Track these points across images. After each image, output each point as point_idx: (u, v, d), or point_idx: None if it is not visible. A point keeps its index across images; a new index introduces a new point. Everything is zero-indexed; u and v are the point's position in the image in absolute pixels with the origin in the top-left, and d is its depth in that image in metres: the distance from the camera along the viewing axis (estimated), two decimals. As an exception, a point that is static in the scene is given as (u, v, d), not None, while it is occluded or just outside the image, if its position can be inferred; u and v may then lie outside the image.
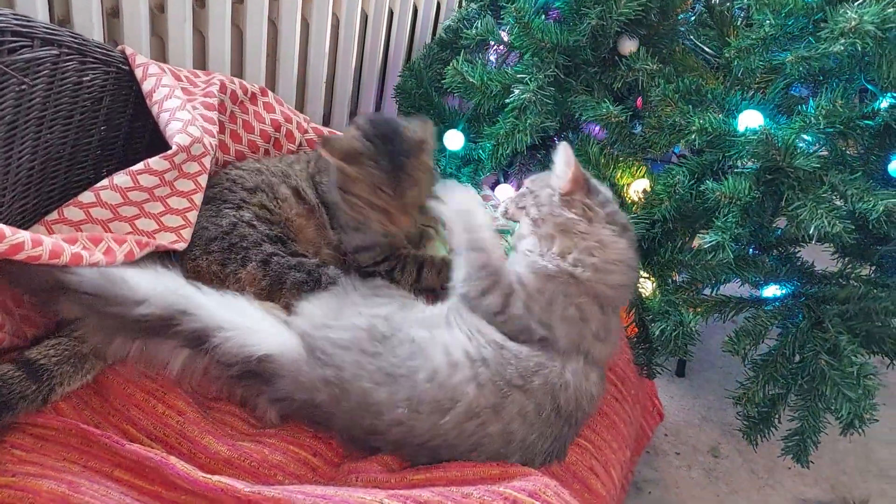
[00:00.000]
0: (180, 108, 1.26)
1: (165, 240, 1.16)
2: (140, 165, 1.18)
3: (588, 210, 1.12)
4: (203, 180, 1.25)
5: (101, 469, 0.96)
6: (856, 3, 1.19)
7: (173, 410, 1.05)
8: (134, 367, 1.10)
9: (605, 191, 1.18)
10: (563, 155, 1.15)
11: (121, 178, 1.17)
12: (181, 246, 1.18)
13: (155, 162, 1.19)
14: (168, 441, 1.02)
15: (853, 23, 1.13)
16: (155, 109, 1.28)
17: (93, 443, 0.98)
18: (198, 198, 1.23)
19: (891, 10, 1.14)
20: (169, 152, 1.20)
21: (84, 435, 0.98)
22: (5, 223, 1.11)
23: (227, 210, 1.27)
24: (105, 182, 1.16)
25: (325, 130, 1.66)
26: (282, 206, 1.34)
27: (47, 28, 1.14)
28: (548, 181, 1.17)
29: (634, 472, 1.61)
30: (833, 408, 1.32)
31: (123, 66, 1.30)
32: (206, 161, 1.25)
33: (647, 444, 1.47)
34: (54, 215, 1.12)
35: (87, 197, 1.14)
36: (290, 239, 1.30)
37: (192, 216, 1.22)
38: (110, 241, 1.07)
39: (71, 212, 1.13)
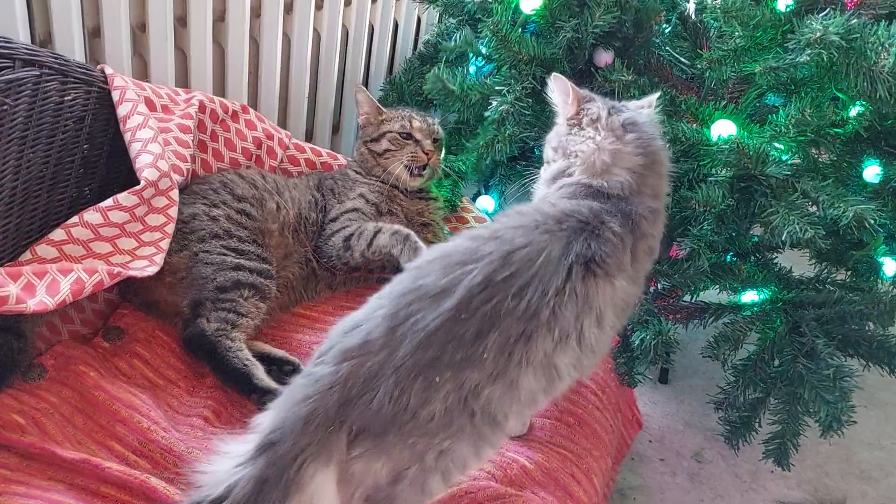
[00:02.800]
0: (152, 140, 1.28)
1: (137, 266, 1.18)
2: (109, 202, 1.20)
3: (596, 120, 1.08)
4: (173, 212, 1.27)
5: (87, 486, 0.97)
6: (821, 15, 1.22)
7: (158, 426, 1.06)
8: (119, 382, 1.11)
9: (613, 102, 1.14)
10: (558, 84, 1.13)
11: (91, 216, 1.19)
12: (152, 270, 1.19)
13: (124, 198, 1.21)
14: (153, 457, 1.03)
15: (818, 34, 1.16)
16: (127, 136, 1.30)
17: (76, 462, 0.98)
18: (170, 228, 1.25)
19: (854, 21, 1.18)
20: (137, 188, 1.22)
21: (64, 459, 0.98)
22: (-12, 243, 1.14)
23: (200, 204, 1.33)
24: (75, 219, 1.18)
25: (308, 147, 1.68)
26: (266, 216, 1.37)
27: (28, 49, 1.15)
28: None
29: (619, 479, 1.63)
30: (812, 410, 1.35)
31: (104, 86, 1.31)
32: (174, 194, 1.28)
33: (627, 453, 1.49)
34: (27, 255, 1.14)
35: (58, 234, 1.16)
36: (256, 243, 1.32)
37: (165, 244, 1.24)
38: (80, 272, 1.08)
39: (44, 250, 1.15)
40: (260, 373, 1.16)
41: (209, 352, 1.18)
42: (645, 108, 1.14)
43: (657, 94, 1.18)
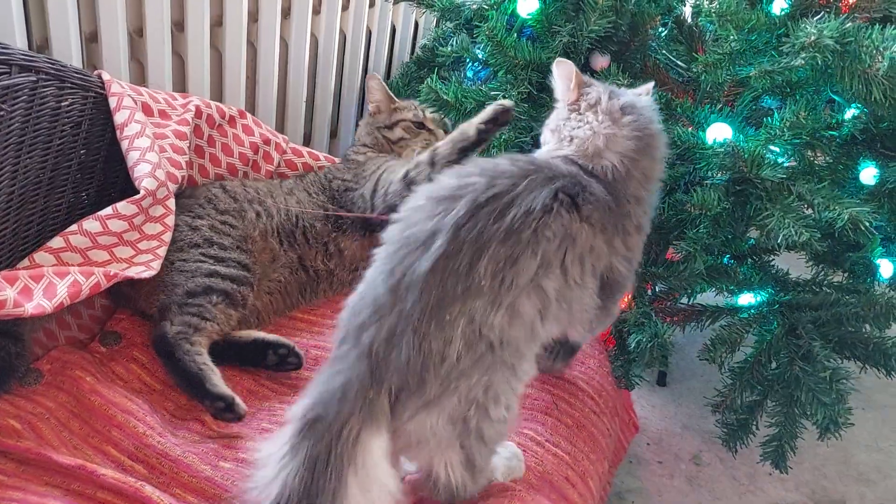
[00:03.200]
0: (150, 150, 1.29)
1: (133, 271, 1.18)
2: (108, 210, 1.21)
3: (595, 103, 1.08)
4: (170, 221, 1.28)
5: (84, 492, 0.97)
6: (815, 19, 1.22)
7: (154, 431, 1.06)
8: (115, 387, 1.11)
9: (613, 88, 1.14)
10: (562, 68, 1.12)
11: (90, 224, 1.20)
12: (149, 274, 1.19)
13: (123, 206, 1.22)
14: (149, 461, 1.03)
15: (813, 37, 1.16)
16: (125, 144, 1.30)
17: (72, 468, 0.98)
18: (167, 236, 1.26)
19: (849, 24, 1.18)
20: (137, 196, 1.23)
21: (60, 465, 0.98)
22: (-15, 249, 1.14)
23: (184, 215, 1.33)
24: (74, 227, 1.19)
25: (305, 151, 1.68)
26: (247, 225, 1.38)
27: (25, 55, 1.15)
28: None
29: (616, 482, 1.63)
30: (809, 413, 1.35)
31: (101, 91, 1.32)
32: (170, 203, 1.29)
33: (623, 456, 1.49)
34: (25, 262, 1.14)
35: (56, 242, 1.17)
36: (241, 249, 1.32)
37: (162, 251, 1.24)
38: (77, 274, 1.09)
39: (42, 257, 1.15)
40: (215, 378, 1.14)
41: (168, 354, 1.17)
42: (643, 95, 1.16)
43: (651, 83, 1.20)
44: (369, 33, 2.13)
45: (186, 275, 1.25)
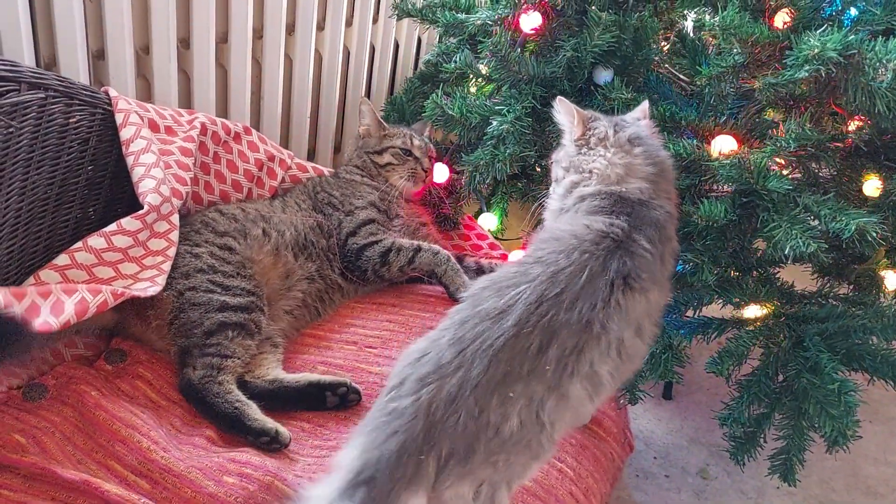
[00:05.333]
0: (154, 165, 1.30)
1: (139, 287, 1.18)
2: (113, 226, 1.22)
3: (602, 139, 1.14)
4: (174, 236, 1.29)
5: (89, 506, 0.97)
6: (819, 31, 1.23)
7: (158, 446, 1.05)
8: (119, 402, 1.11)
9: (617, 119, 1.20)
10: (564, 107, 1.18)
11: (95, 241, 1.20)
12: (154, 290, 1.19)
13: (128, 222, 1.23)
14: (152, 476, 1.02)
15: (816, 50, 1.17)
16: (130, 160, 1.31)
17: (77, 483, 0.98)
18: (171, 251, 1.27)
19: (852, 37, 1.19)
20: (141, 212, 1.24)
21: (65, 480, 0.98)
22: (-8, 264, 1.14)
23: (182, 245, 1.32)
24: (79, 244, 1.19)
25: (310, 166, 1.69)
26: (251, 244, 1.37)
27: (34, 72, 1.16)
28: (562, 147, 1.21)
29: (624, 496, 1.62)
30: (816, 425, 1.34)
31: (109, 108, 1.33)
32: (175, 218, 1.30)
33: (619, 476, 1.47)
34: (31, 280, 1.15)
35: (62, 260, 1.17)
36: (241, 276, 1.31)
37: (167, 266, 1.25)
38: (84, 292, 1.09)
39: (48, 275, 1.16)
40: (253, 413, 1.14)
41: (199, 400, 1.17)
42: (641, 119, 1.22)
43: (646, 103, 1.25)
44: (373, 49, 2.14)
45: (199, 310, 1.23)
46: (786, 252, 1.21)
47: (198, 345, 1.21)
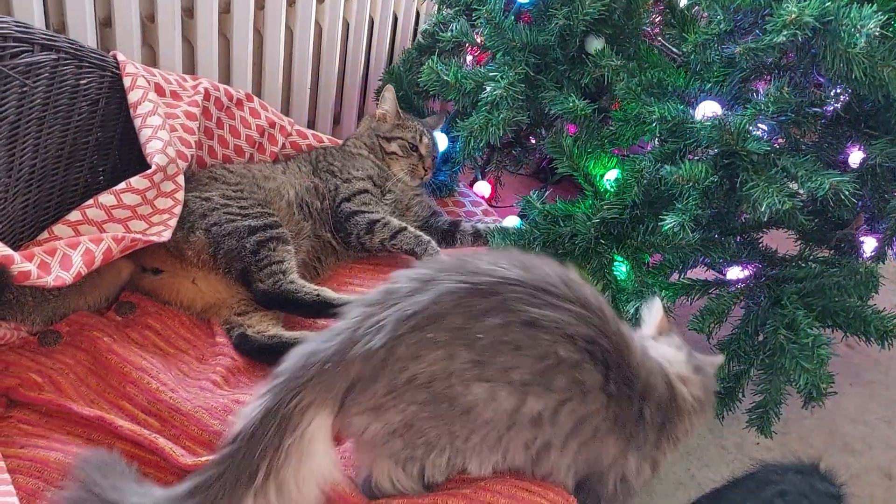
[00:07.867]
0: (161, 128, 1.35)
1: (146, 235, 1.24)
2: (122, 185, 1.27)
3: None
4: (180, 196, 1.34)
5: (103, 441, 1.04)
6: (797, -2, 1.27)
7: (167, 387, 1.12)
8: (130, 347, 1.18)
9: None
10: (652, 306, 1.12)
11: (105, 198, 1.25)
12: (159, 239, 1.25)
13: (136, 181, 1.28)
14: (161, 415, 1.09)
15: (794, 15, 1.21)
16: (138, 122, 1.36)
17: (91, 419, 1.05)
18: (177, 209, 1.32)
19: (829, 3, 1.23)
20: (149, 171, 1.29)
21: (80, 416, 1.05)
22: (9, 217, 1.20)
23: (191, 193, 1.38)
24: (90, 201, 1.24)
25: (310, 133, 1.74)
26: (269, 195, 1.45)
27: (46, 34, 1.21)
28: None
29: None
30: (792, 379, 1.41)
31: (117, 71, 1.37)
32: (180, 179, 1.35)
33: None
34: (45, 235, 1.20)
35: (74, 215, 1.23)
36: (260, 206, 1.39)
37: (173, 222, 1.30)
38: (87, 243, 1.14)
39: (60, 229, 1.21)
40: (331, 294, 1.29)
41: (283, 303, 1.29)
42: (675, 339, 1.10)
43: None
44: (371, 22, 2.18)
45: (233, 238, 1.32)
46: (762, 209, 1.25)
47: (252, 262, 1.31)
